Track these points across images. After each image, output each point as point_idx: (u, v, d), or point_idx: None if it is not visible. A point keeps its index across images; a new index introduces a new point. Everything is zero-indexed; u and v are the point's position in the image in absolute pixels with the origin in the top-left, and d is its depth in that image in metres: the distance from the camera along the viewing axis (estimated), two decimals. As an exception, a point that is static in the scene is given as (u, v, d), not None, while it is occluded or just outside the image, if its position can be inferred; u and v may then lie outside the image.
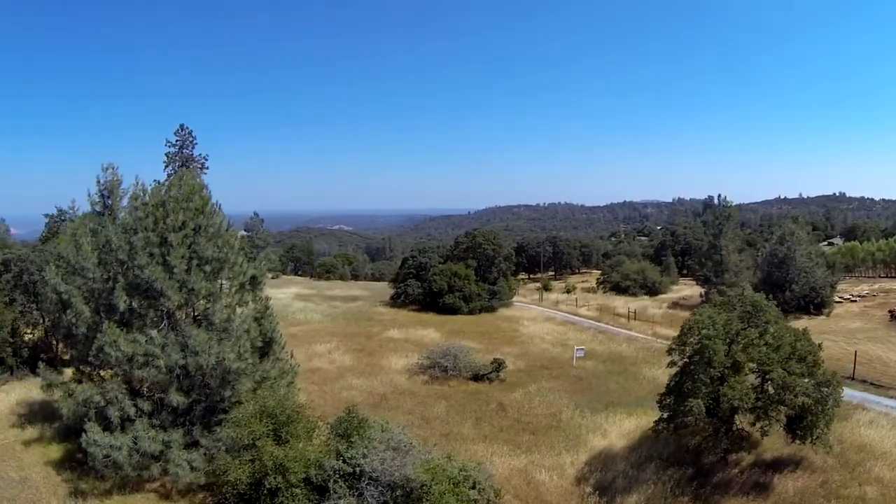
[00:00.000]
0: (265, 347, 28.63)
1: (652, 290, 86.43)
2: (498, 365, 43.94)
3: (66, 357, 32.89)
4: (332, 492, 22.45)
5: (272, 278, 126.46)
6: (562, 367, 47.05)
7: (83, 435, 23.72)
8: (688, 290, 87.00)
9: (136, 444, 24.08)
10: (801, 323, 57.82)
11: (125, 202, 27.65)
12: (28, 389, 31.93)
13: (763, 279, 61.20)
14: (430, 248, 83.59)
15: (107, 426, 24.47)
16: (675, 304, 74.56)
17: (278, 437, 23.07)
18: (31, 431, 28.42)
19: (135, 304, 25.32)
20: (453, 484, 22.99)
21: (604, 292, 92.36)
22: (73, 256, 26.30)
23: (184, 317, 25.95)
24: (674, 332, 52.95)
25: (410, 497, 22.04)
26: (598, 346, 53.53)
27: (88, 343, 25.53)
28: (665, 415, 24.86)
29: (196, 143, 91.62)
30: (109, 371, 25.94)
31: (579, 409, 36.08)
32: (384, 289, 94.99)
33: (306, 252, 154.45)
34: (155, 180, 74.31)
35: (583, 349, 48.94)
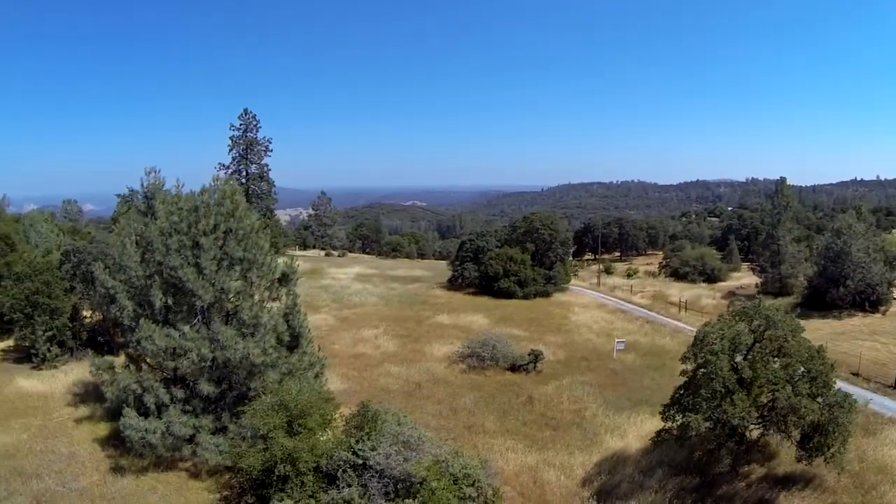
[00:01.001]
0: (293, 341, 30.28)
1: (711, 278, 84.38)
2: (535, 357, 44.53)
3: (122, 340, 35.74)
4: (340, 481, 24.01)
5: (338, 256, 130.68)
6: (601, 360, 47.23)
7: (121, 418, 26.15)
8: (747, 278, 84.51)
9: (168, 428, 26.32)
10: (854, 321, 55.92)
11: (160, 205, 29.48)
12: (85, 370, 34.82)
13: (819, 272, 58.98)
14: (487, 232, 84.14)
15: (144, 411, 26.86)
16: (730, 294, 72.65)
17: (291, 429, 24.68)
18: (83, 410, 31.33)
19: (170, 302, 27.41)
20: (454, 480, 24.15)
21: (665, 277, 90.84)
22: (118, 255, 28.61)
23: (215, 313, 27.80)
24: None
25: (410, 491, 23.30)
26: (641, 337, 53.29)
27: (132, 333, 27.89)
28: (667, 425, 25.01)
29: (259, 127, 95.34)
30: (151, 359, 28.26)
31: (606, 407, 36.41)
32: (447, 269, 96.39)
33: (374, 230, 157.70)
34: (219, 163, 78.93)
35: (623, 342, 48.76)
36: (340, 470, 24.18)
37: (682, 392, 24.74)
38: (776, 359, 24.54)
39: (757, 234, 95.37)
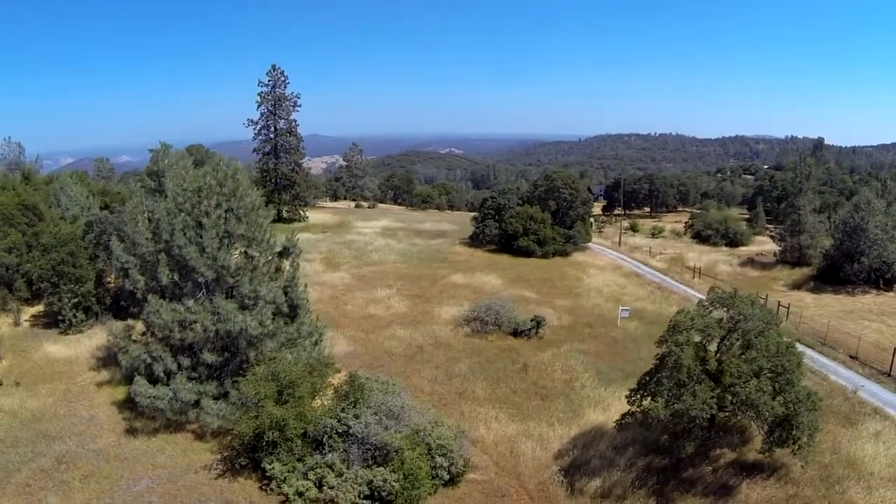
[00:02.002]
0: (291, 312, 32.30)
1: (733, 242, 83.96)
2: (537, 323, 45.78)
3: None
4: (326, 446, 26.24)
5: (368, 207, 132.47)
6: (605, 327, 48.25)
7: (133, 385, 28.66)
8: (770, 244, 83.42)
9: (175, 394, 28.76)
10: (866, 299, 55.62)
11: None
12: (115, 327, 37.44)
13: (836, 246, 58.58)
14: (509, 190, 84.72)
15: (154, 378, 29.32)
16: (748, 262, 72.45)
17: (280, 398, 26.82)
18: (104, 374, 34.03)
19: (176, 277, 29.53)
20: (428, 450, 26.16)
21: (689, 238, 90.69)
22: (131, 231, 30.75)
23: (217, 288, 29.82)
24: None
25: (386, 458, 25.39)
26: (649, 304, 54.06)
27: (144, 304, 30.21)
28: (632, 409, 26.21)
29: (288, 83, 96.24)
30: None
31: (597, 378, 37.49)
32: (471, 224, 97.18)
33: (405, 181, 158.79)
34: (248, 119, 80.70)
35: (628, 310, 49.61)
36: (326, 436, 26.42)
37: (647, 377, 25.80)
38: (743, 353, 25.17)
39: (786, 197, 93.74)
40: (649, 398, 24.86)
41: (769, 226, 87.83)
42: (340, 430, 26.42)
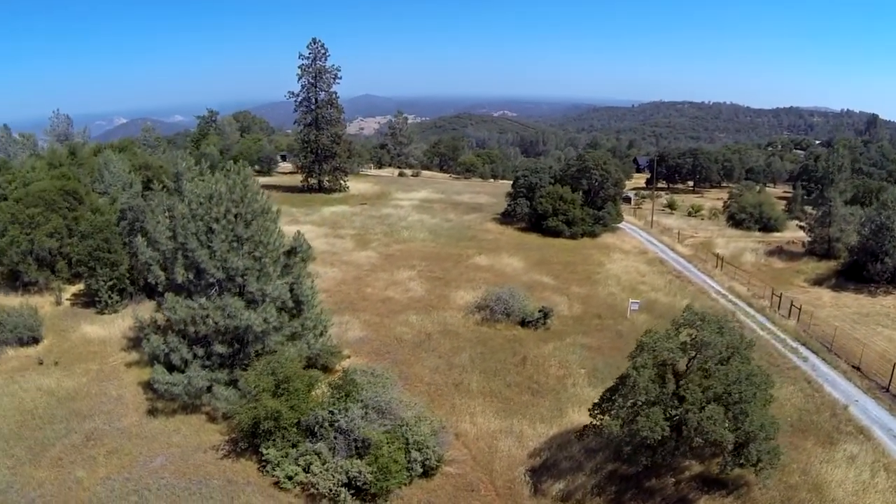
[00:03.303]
0: (296, 308, 35.07)
1: (767, 227, 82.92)
2: (544, 314, 47.36)
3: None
4: (318, 435, 29.08)
5: (412, 175, 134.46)
6: (614, 318, 49.36)
7: (152, 373, 32.05)
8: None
9: (189, 381, 32.01)
10: (886, 301, 54.86)
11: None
12: (142, 313, 40.95)
13: (862, 243, 57.84)
14: (541, 169, 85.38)
15: (172, 365, 32.61)
16: (776, 251, 71.48)
17: (277, 391, 29.66)
18: (133, 355, 37.64)
19: (191, 276, 32.49)
20: (405, 443, 28.66)
21: (725, 220, 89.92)
22: (152, 229, 33.82)
23: (227, 287, 32.69)
24: (748, 291, 53.44)
25: (368, 450, 28.05)
26: (664, 296, 54.67)
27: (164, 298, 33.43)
28: (593, 422, 27.93)
29: (328, 55, 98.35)
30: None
31: (591, 376, 39.01)
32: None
33: (451, 148, 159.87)
34: (289, 91, 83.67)
35: (637, 303, 50.45)
36: (318, 426, 29.24)
37: (608, 394, 27.41)
38: (703, 379, 25.89)
39: (830, 177, 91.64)
40: (606, 415, 26.49)
41: (808, 208, 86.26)
42: (331, 422, 29.19)
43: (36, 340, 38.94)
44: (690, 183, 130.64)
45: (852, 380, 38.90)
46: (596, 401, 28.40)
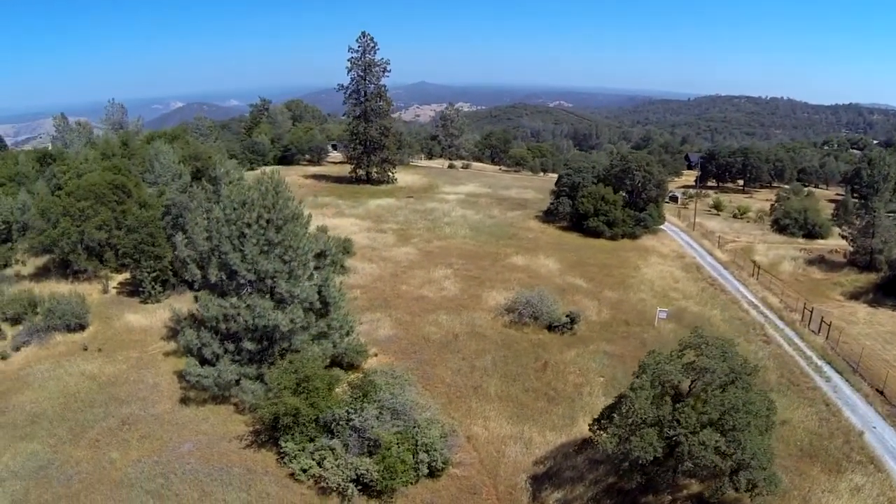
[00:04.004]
0: (323, 309, 36.77)
1: (811, 233, 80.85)
2: (571, 319, 47.85)
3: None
4: (335, 432, 30.78)
5: (461, 167, 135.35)
6: (641, 326, 49.62)
7: (185, 366, 34.29)
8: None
9: (219, 374, 34.12)
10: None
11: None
12: (181, 305, 43.48)
13: (905, 255, 56.38)
14: (584, 168, 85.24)
15: (203, 359, 34.78)
16: (818, 259, 69.63)
17: (298, 388, 31.40)
18: (172, 345, 40.07)
19: (223, 276, 34.51)
20: (414, 445, 30.08)
21: (769, 224, 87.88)
22: (191, 230, 35.97)
23: (256, 288, 34.59)
24: (780, 303, 52.72)
25: (378, 449, 29.59)
26: (694, 305, 54.48)
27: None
28: (591, 437, 28.69)
29: (377, 49, 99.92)
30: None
31: (608, 385, 39.51)
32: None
33: (502, 140, 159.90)
34: (339, 84, 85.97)
35: (666, 311, 50.36)
36: (335, 423, 30.94)
37: (608, 411, 28.17)
38: (702, 403, 26.15)
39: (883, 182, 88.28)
40: (603, 432, 27.28)
41: (859, 213, 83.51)
42: (346, 420, 30.85)
43: (82, 327, 41.91)
44: (741, 182, 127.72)
45: (874, 404, 38.29)
46: (596, 416, 29.14)
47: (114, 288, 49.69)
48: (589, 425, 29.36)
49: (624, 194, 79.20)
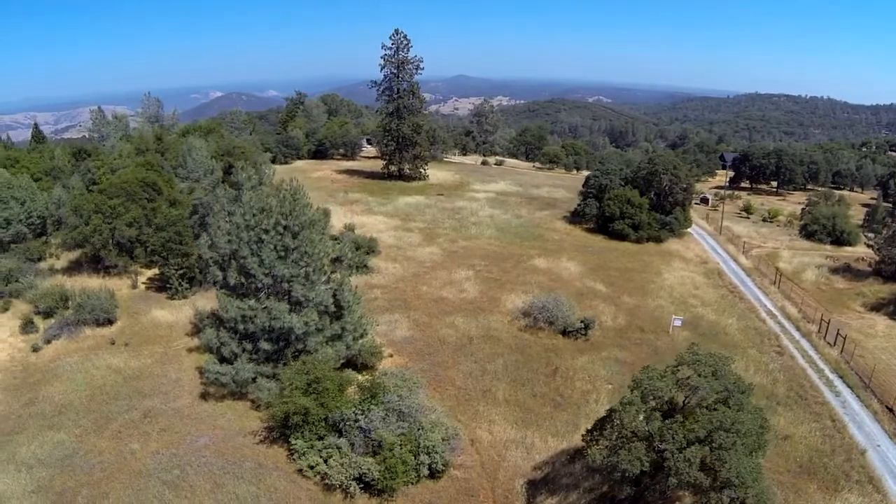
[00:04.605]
0: (337, 312, 38.18)
1: (839, 240, 79.52)
2: (585, 325, 48.49)
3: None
4: (343, 431, 32.20)
5: (494, 164, 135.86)
6: (656, 333, 49.98)
7: (204, 363, 36.06)
8: (879, 246, 78.45)
9: (237, 372, 35.81)
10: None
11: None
12: (206, 302, 45.39)
13: (926, 268, 55.39)
14: (612, 170, 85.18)
15: (223, 357, 36.52)
16: (843, 268, 68.27)
17: (308, 389, 32.85)
18: (195, 341, 41.98)
19: (242, 279, 36.13)
20: (417, 446, 31.29)
21: (797, 230, 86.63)
22: (213, 233, 37.67)
23: (273, 291, 36.14)
24: (798, 313, 52.46)
25: (381, 449, 30.88)
26: (711, 313, 54.54)
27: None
28: (584, 447, 29.46)
29: (411, 47, 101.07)
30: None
31: (617, 392, 40.01)
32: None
33: (537, 137, 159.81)
34: (371, 81, 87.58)
35: (681, 319, 50.56)
36: (343, 423, 32.35)
37: (599, 423, 28.96)
38: (691, 420, 26.55)
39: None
40: (593, 444, 28.11)
41: (886, 221, 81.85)
42: (354, 420, 32.23)
43: (111, 321, 44.16)
44: (774, 184, 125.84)
45: (881, 422, 38.21)
46: (589, 427, 29.95)
47: (143, 283, 51.97)
48: (582, 436, 30.17)
49: (651, 196, 79.06)
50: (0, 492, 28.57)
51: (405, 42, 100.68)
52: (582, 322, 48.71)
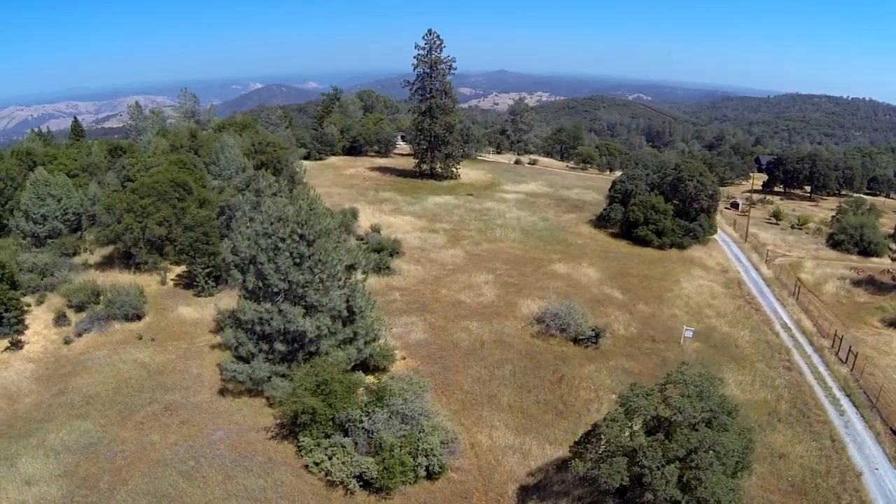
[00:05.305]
0: (350, 317, 39.93)
1: (866, 251, 78.25)
2: (596, 334, 49.39)
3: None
4: (348, 431, 33.98)
5: (528, 164, 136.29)
6: (666, 343, 50.55)
7: (222, 361, 38.20)
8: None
9: (253, 371, 37.85)
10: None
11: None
12: (230, 300, 47.54)
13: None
14: (637, 176, 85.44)
15: (240, 356, 38.60)
16: (866, 281, 67.13)
17: (317, 390, 34.65)
18: (218, 338, 44.24)
19: (260, 284, 38.09)
20: (415, 449, 32.86)
21: (826, 240, 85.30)
22: (234, 239, 39.69)
23: (288, 296, 38.00)
24: (813, 328, 52.45)
25: (381, 449, 32.55)
26: (725, 325, 54.69)
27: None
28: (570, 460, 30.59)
29: (444, 47, 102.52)
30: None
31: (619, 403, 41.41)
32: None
33: (572, 137, 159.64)
34: (404, 80, 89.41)
35: (692, 330, 50.86)
36: (349, 424, 34.13)
37: (585, 436, 30.07)
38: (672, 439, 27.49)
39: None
40: (577, 457, 29.28)
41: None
42: (359, 421, 33.96)
43: (139, 317, 46.77)
44: (808, 189, 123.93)
45: (883, 444, 38.22)
46: (577, 439, 31.10)
47: (171, 280, 54.61)
48: (570, 447, 31.32)
49: (677, 202, 79.10)
50: (30, 475, 31.09)
51: (438, 42, 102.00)
52: (593, 330, 49.57)
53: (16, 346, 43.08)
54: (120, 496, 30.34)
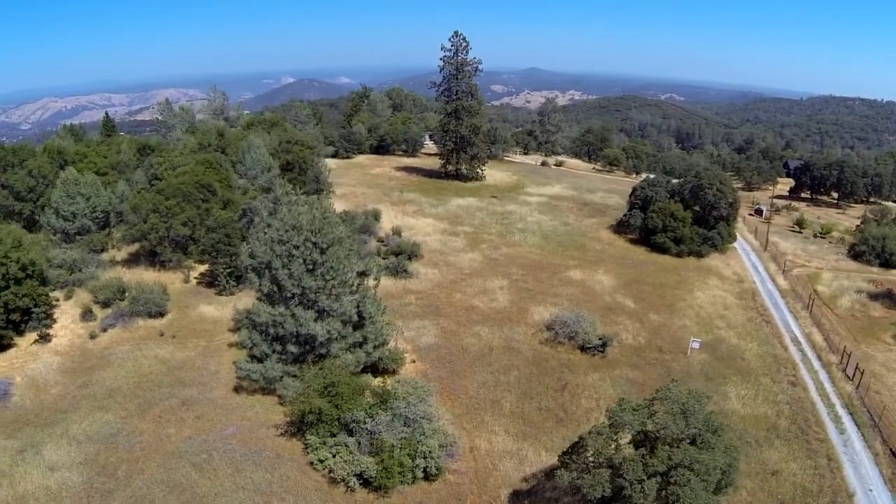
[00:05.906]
0: (359, 322, 41.59)
1: (888, 263, 76.98)
2: (603, 343, 50.24)
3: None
4: (353, 431, 35.64)
5: (554, 165, 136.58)
6: (673, 354, 51.10)
7: (237, 360, 40.15)
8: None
9: (266, 371, 39.71)
10: None
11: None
12: (249, 300, 49.37)
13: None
14: (658, 183, 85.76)
15: (254, 356, 40.50)
16: (882, 295, 66.53)
17: (324, 392, 36.32)
18: (236, 337, 46.19)
19: (274, 288, 39.88)
20: (414, 451, 34.36)
21: (847, 251, 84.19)
22: (253, 243, 41.55)
23: (301, 300, 39.73)
24: (824, 342, 52.58)
25: (382, 450, 34.11)
26: (735, 337, 54.92)
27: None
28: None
29: (470, 49, 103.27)
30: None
31: None
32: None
33: (600, 138, 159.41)
34: (431, 81, 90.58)
35: (699, 342, 51.30)
36: (354, 424, 35.77)
37: (571, 447, 31.22)
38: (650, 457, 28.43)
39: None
40: (563, 466, 30.46)
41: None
42: (363, 422, 35.57)
43: (162, 314, 49.05)
44: (835, 194, 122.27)
45: (880, 465, 38.36)
46: (565, 449, 32.26)
47: (195, 278, 56.87)
48: (559, 456, 32.49)
49: (696, 210, 79.21)
50: (53, 462, 33.36)
51: (464, 44, 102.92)
52: (600, 339, 50.35)
53: (44, 339, 45.67)
54: (136, 484, 32.43)
